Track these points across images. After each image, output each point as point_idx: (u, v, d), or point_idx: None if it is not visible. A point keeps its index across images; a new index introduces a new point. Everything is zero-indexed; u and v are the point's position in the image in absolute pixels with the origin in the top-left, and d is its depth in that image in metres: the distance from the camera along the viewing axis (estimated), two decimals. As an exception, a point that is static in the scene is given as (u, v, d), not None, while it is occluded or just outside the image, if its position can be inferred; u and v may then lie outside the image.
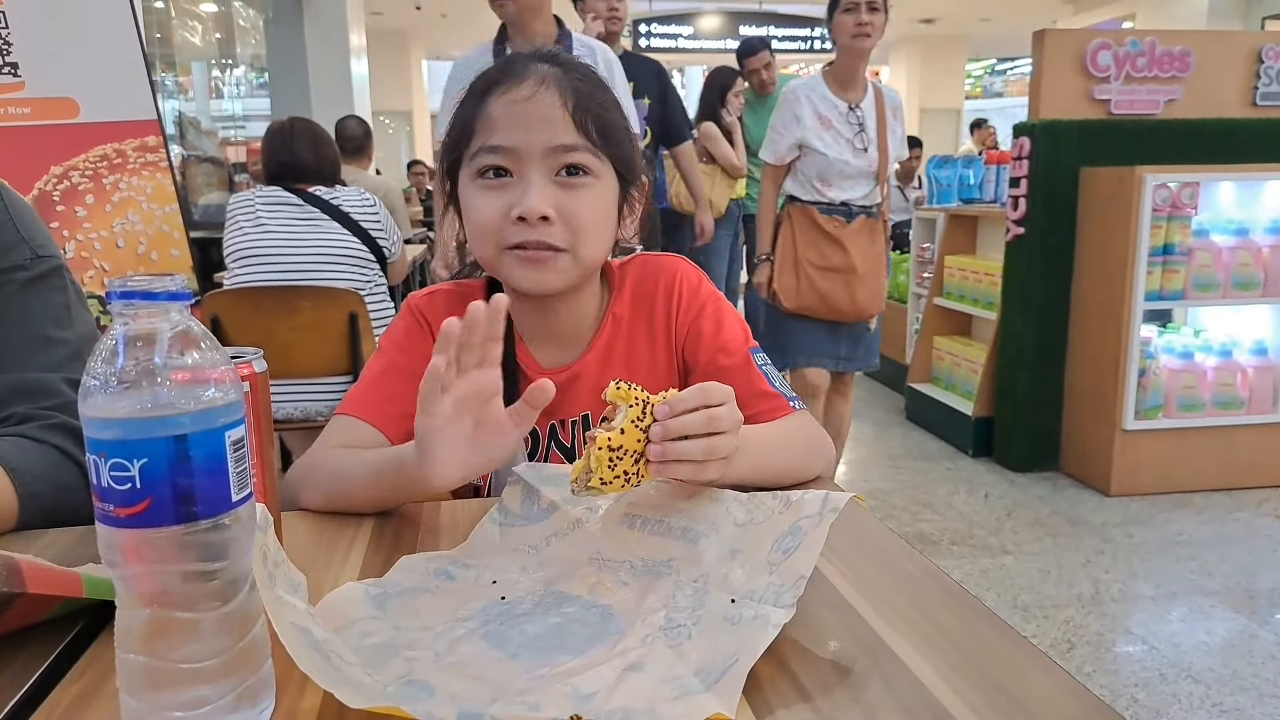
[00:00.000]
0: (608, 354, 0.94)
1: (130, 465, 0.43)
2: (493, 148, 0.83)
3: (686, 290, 0.95)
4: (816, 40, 11.40)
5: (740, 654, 0.50)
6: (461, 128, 0.87)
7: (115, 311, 0.44)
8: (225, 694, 0.45)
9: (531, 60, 0.87)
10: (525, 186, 0.83)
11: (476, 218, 0.86)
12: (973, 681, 0.51)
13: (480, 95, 0.86)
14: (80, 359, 0.88)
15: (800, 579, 0.55)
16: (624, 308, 0.95)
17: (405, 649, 0.53)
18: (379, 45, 8.20)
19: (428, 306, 0.95)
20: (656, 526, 0.66)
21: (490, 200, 0.84)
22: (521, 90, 0.84)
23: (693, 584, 0.60)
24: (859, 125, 2.59)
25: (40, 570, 0.55)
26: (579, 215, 0.84)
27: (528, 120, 0.83)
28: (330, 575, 0.67)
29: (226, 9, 6.79)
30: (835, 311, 2.65)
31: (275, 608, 0.47)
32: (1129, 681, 1.99)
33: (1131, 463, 3.10)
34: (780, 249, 2.68)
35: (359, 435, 0.87)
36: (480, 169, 0.85)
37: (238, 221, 2.38)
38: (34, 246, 0.92)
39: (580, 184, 0.84)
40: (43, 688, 0.51)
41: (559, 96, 0.83)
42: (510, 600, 0.61)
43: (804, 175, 2.63)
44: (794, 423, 0.88)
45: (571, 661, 0.52)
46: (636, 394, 0.65)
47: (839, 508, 0.59)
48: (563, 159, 0.83)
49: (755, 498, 0.65)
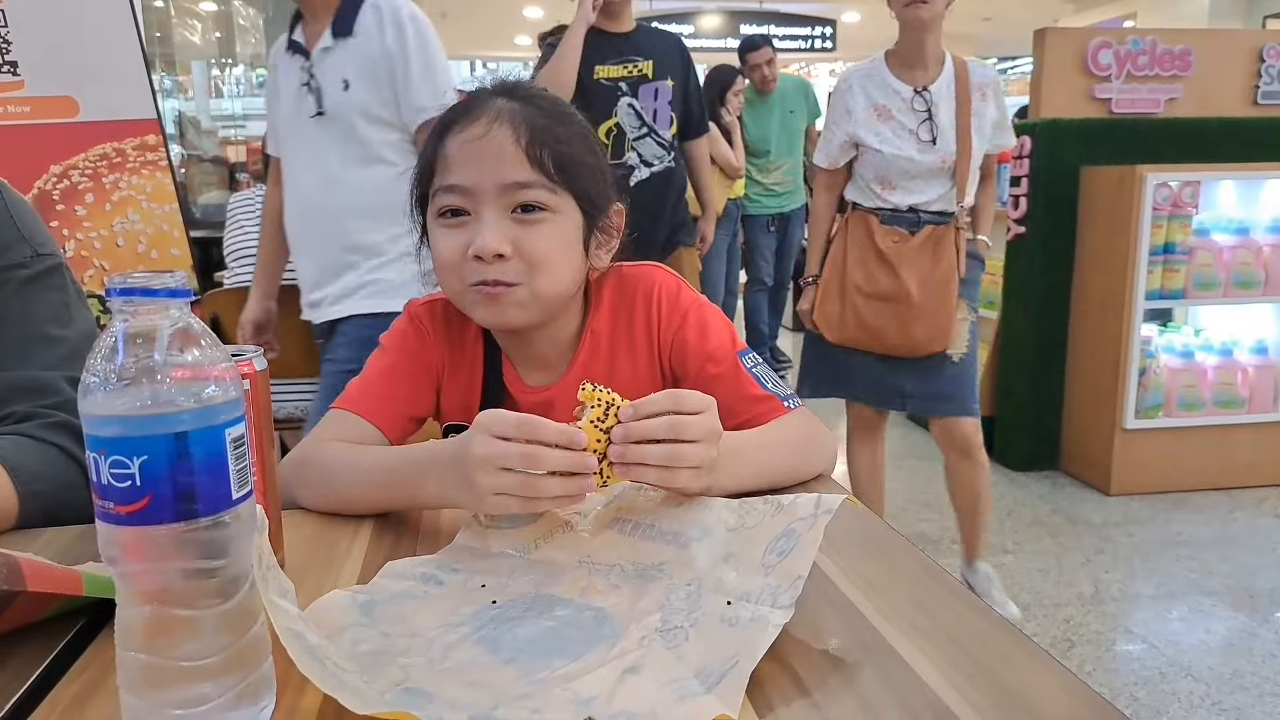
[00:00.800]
0: (588, 370, 0.94)
1: (130, 463, 0.43)
2: (450, 187, 0.84)
3: (666, 300, 0.94)
4: (817, 40, 11.39)
5: (740, 655, 0.49)
6: (422, 166, 0.88)
7: (115, 308, 0.44)
8: (226, 691, 0.45)
9: (489, 95, 0.87)
10: (480, 225, 0.83)
11: (438, 256, 0.87)
12: (974, 679, 0.50)
13: (440, 135, 0.86)
14: (80, 357, 0.88)
15: (798, 579, 0.55)
16: (602, 323, 0.95)
17: (399, 656, 0.53)
18: (379, 44, 8.20)
19: (427, 314, 0.96)
20: (647, 531, 0.66)
21: (449, 239, 0.85)
22: (475, 129, 0.83)
23: (686, 587, 0.60)
24: (926, 112, 2.09)
25: (40, 568, 0.55)
26: (535, 250, 0.84)
27: (480, 158, 0.83)
28: (331, 574, 0.67)
29: (226, 8, 6.79)
30: (887, 347, 2.18)
31: (271, 610, 0.46)
32: (1129, 680, 1.99)
33: (1132, 462, 3.10)
34: (827, 270, 2.20)
35: (357, 431, 0.87)
36: (439, 209, 0.86)
37: (238, 220, 2.38)
38: (34, 245, 0.92)
39: (536, 220, 0.84)
40: (43, 686, 0.51)
41: (512, 132, 0.83)
42: (502, 604, 0.60)
43: (862, 178, 2.17)
44: (792, 422, 0.88)
45: (569, 665, 0.52)
46: (601, 395, 0.66)
47: (832, 509, 0.59)
48: (517, 196, 0.83)
49: (746, 503, 0.64)
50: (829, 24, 11.27)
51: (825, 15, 11.27)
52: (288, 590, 0.53)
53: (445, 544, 0.71)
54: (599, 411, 0.65)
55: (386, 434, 0.89)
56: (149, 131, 2.40)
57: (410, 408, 0.93)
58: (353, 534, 0.75)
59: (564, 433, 0.64)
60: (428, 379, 0.95)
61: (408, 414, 0.93)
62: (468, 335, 0.96)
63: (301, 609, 0.55)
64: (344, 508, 0.79)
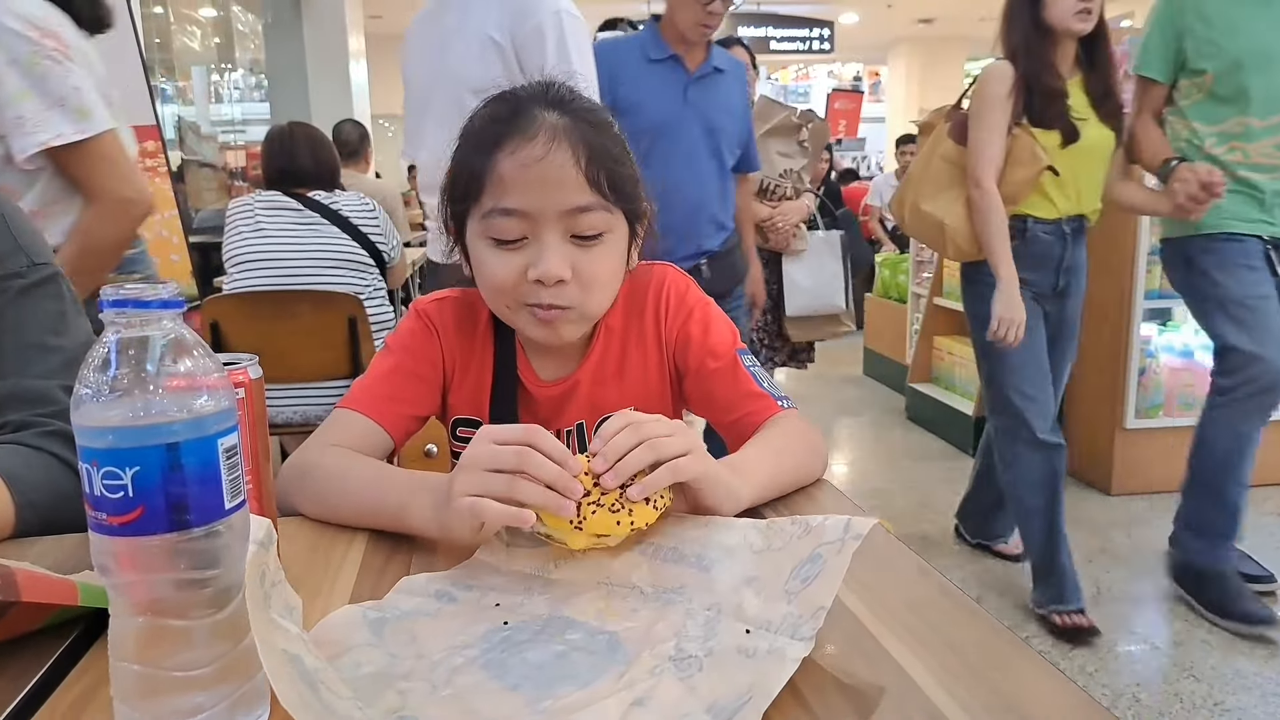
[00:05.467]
0: (600, 366, 0.95)
1: (123, 474, 0.43)
2: (506, 210, 0.82)
3: (674, 296, 0.97)
4: (815, 41, 11.39)
5: (755, 691, 0.48)
6: (469, 180, 0.84)
7: (107, 320, 0.45)
8: (219, 701, 0.45)
9: (535, 106, 0.84)
10: (541, 250, 0.82)
11: (490, 278, 0.85)
12: (968, 685, 0.50)
13: (488, 149, 0.82)
14: (76, 366, 0.88)
15: (820, 610, 0.53)
16: (617, 319, 0.96)
17: (400, 679, 0.51)
18: (378, 49, 8.21)
19: (435, 312, 0.96)
20: (670, 554, 0.65)
21: (505, 262, 0.84)
22: (533, 150, 0.80)
23: (705, 612, 0.58)
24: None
25: (35, 578, 0.55)
26: (595, 274, 0.85)
27: (542, 182, 0.81)
28: (328, 580, 0.67)
29: (225, 14, 6.79)
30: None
31: (266, 632, 0.45)
32: (1130, 681, 1.99)
33: (1132, 462, 3.09)
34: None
35: (362, 430, 0.88)
36: (493, 229, 0.83)
37: (237, 226, 2.38)
38: (30, 254, 0.92)
39: (594, 244, 0.84)
40: (38, 696, 0.51)
41: (571, 153, 0.81)
42: (513, 625, 0.59)
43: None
44: (790, 427, 0.89)
45: (575, 693, 0.50)
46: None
47: (862, 534, 0.56)
48: (578, 220, 0.82)
49: (774, 524, 0.63)
50: (827, 25, 11.28)
51: (823, 17, 11.28)
52: (294, 606, 0.52)
53: (442, 553, 0.71)
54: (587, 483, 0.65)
55: (390, 432, 0.90)
56: (148, 138, 2.40)
57: (414, 407, 0.94)
58: (349, 541, 0.75)
59: (562, 450, 0.64)
60: (433, 378, 0.95)
61: (411, 413, 0.93)
62: (477, 330, 0.96)
63: (309, 623, 0.55)
64: (338, 521, 0.79)
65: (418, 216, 6.57)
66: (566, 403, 0.95)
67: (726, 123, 2.21)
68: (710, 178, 2.21)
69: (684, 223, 2.16)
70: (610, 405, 0.67)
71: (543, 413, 0.96)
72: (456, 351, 0.96)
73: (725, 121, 2.21)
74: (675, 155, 2.11)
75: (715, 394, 0.94)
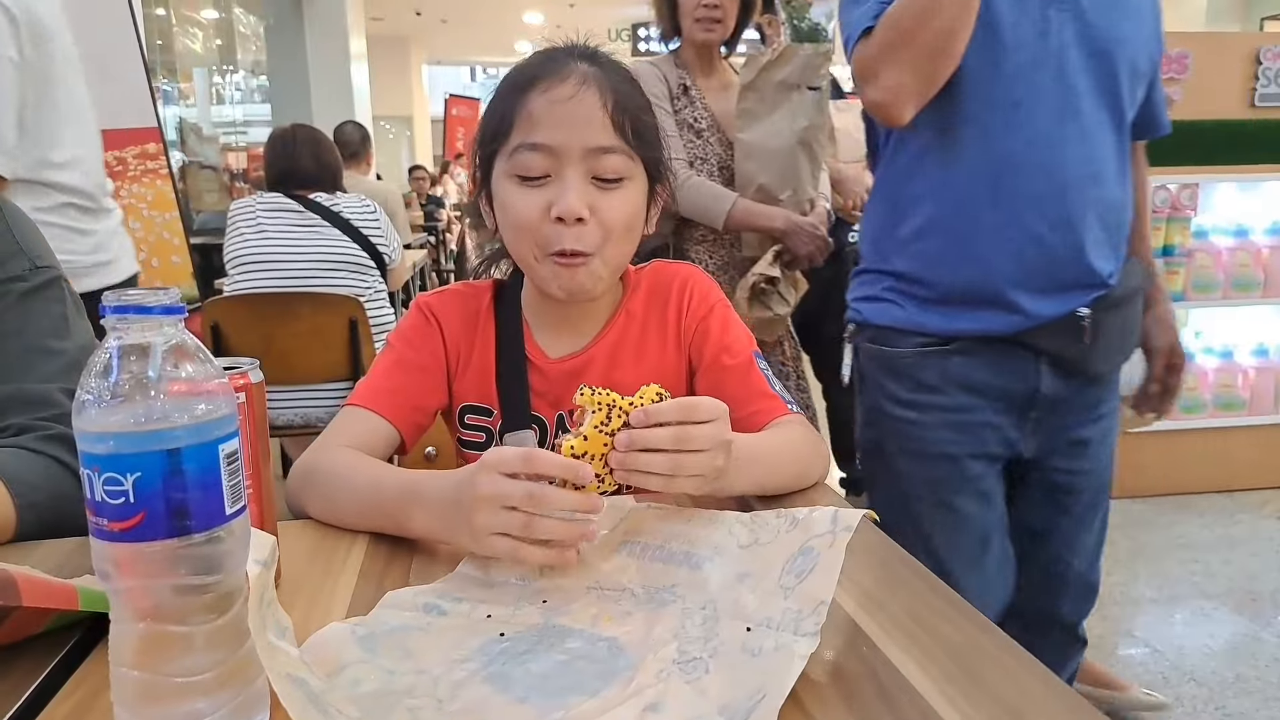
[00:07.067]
0: (618, 346, 0.96)
1: (124, 479, 0.43)
2: (533, 145, 0.84)
3: (698, 292, 0.98)
4: (816, 43, 11.39)
5: (767, 689, 0.47)
6: (499, 121, 0.87)
7: (109, 326, 0.45)
8: (220, 707, 0.45)
9: (571, 58, 0.87)
10: (563, 186, 0.84)
11: (514, 215, 0.86)
12: (967, 690, 0.50)
13: (521, 90, 0.85)
14: (78, 370, 0.88)
15: (820, 604, 0.52)
16: (638, 305, 0.98)
17: (405, 696, 0.50)
18: (379, 51, 8.22)
19: (436, 304, 0.97)
20: (656, 552, 0.65)
21: (528, 198, 0.85)
22: (563, 89, 0.84)
23: (701, 611, 0.58)
24: None
25: (36, 583, 0.55)
26: (611, 218, 0.85)
27: (570, 120, 0.83)
28: (329, 584, 0.67)
29: (227, 15, 6.81)
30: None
31: (269, 656, 0.44)
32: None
33: (1133, 464, 3.09)
34: None
35: (370, 427, 0.88)
36: (519, 166, 0.85)
37: (238, 227, 2.38)
38: (32, 257, 0.92)
39: (614, 187, 0.86)
40: (38, 702, 0.51)
41: (599, 97, 0.84)
42: (510, 636, 0.58)
43: None
44: (796, 430, 0.89)
45: (586, 703, 0.49)
46: (602, 398, 0.64)
47: (852, 526, 0.56)
48: (600, 161, 0.84)
49: (759, 517, 0.63)
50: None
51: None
52: (285, 627, 0.52)
53: (443, 556, 0.71)
54: (601, 415, 0.64)
55: (397, 426, 0.90)
56: (150, 140, 2.41)
57: (419, 399, 0.94)
58: (349, 545, 0.75)
59: (568, 467, 0.63)
60: (436, 368, 0.96)
61: (418, 406, 0.94)
62: (480, 313, 0.97)
63: (299, 639, 0.54)
64: (344, 525, 0.79)
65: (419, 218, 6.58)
66: (578, 379, 0.94)
67: (1129, 31, 1.17)
68: (1101, 145, 1.17)
69: (1038, 241, 1.15)
70: (626, 387, 0.67)
71: (554, 390, 0.95)
72: (459, 339, 0.96)
73: (1126, 29, 1.17)
74: (1038, 108, 1.13)
75: (726, 390, 0.93)
